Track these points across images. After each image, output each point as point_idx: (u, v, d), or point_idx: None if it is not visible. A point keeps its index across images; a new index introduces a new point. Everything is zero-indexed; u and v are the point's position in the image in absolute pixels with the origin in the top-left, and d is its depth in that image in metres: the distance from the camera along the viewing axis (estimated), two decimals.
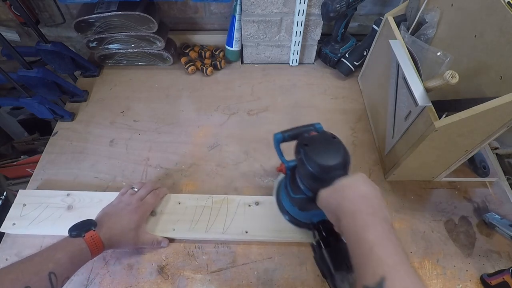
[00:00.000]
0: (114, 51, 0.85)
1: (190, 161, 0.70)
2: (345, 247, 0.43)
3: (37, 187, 0.66)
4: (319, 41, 0.86)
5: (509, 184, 0.67)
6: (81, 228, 0.49)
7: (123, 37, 0.81)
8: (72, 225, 0.49)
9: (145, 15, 0.74)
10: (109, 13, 0.74)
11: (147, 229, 0.57)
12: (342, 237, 0.45)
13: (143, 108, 0.80)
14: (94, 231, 0.49)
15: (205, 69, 0.86)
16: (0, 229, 0.58)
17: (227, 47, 0.86)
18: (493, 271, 0.54)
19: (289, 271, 0.56)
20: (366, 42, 0.81)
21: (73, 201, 0.61)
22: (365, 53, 0.82)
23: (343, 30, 0.82)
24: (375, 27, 0.76)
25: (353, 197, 0.39)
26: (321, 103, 0.81)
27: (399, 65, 0.55)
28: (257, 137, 0.74)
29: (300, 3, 0.73)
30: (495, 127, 0.49)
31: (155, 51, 0.85)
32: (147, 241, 0.55)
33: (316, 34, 0.83)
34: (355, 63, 0.83)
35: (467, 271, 0.56)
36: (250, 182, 0.67)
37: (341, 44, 0.86)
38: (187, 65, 0.86)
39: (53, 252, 0.45)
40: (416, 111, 0.53)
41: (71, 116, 0.78)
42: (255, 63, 0.91)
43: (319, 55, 0.90)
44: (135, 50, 0.84)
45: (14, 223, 0.59)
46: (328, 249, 0.44)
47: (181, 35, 0.91)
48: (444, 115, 0.54)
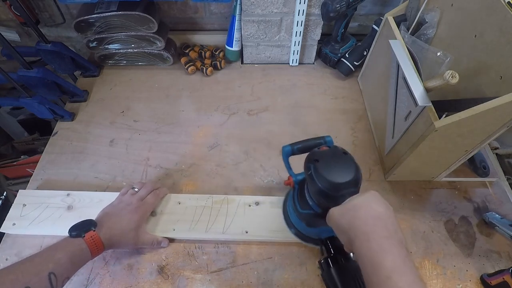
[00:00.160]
0: (114, 51, 0.85)
1: (190, 161, 0.70)
2: (354, 266, 0.42)
3: (37, 187, 0.66)
4: (319, 41, 0.86)
5: (509, 184, 0.67)
6: (81, 228, 0.49)
7: (123, 37, 0.81)
8: (72, 225, 0.49)
9: (145, 15, 0.74)
10: (109, 13, 0.74)
11: (147, 229, 0.57)
12: (350, 255, 0.44)
13: (143, 108, 0.80)
14: (94, 231, 0.49)
15: (205, 69, 0.86)
16: (0, 229, 0.59)
17: (227, 47, 0.86)
18: (493, 271, 0.54)
19: (289, 271, 0.56)
20: (366, 42, 0.81)
21: (73, 201, 0.61)
22: (365, 53, 0.82)
23: (343, 30, 0.82)
24: (375, 27, 0.76)
25: (366, 218, 0.37)
26: (321, 103, 0.81)
27: (399, 65, 0.55)
28: (257, 137, 0.74)
29: (300, 3, 0.73)
30: (495, 127, 0.49)
31: (155, 51, 0.85)
32: (147, 241, 0.55)
33: (316, 34, 0.83)
34: (355, 63, 0.83)
35: (467, 271, 0.56)
36: (250, 182, 0.67)
37: (341, 44, 0.86)
38: (187, 65, 0.86)
39: (53, 252, 0.45)
40: (416, 111, 0.53)
41: (71, 116, 0.78)
42: (255, 63, 0.91)
43: (319, 55, 0.90)
44: (135, 50, 0.84)
45: (14, 223, 0.59)
46: (336, 267, 0.43)
47: (181, 35, 0.91)
48: (444, 115, 0.54)
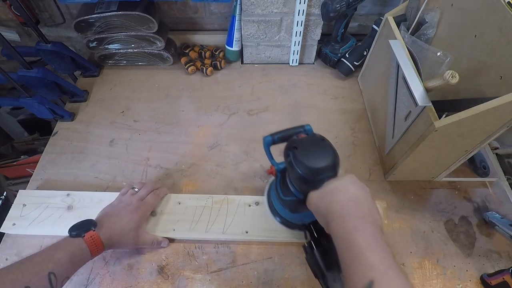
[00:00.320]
0: (114, 51, 0.85)
1: (190, 161, 0.70)
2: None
3: (37, 187, 0.66)
4: (319, 41, 0.86)
5: (509, 184, 0.67)
6: (81, 228, 0.49)
7: (123, 37, 0.81)
8: (72, 225, 0.49)
9: (145, 15, 0.74)
10: (109, 13, 0.74)
11: (147, 229, 0.57)
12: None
13: (143, 108, 0.80)
14: (94, 231, 0.49)
15: (205, 69, 0.86)
16: (0, 229, 0.59)
17: (227, 47, 0.86)
18: (493, 271, 0.54)
19: (289, 271, 0.56)
20: (366, 42, 0.81)
21: (73, 201, 0.61)
22: (365, 53, 0.82)
23: (343, 30, 0.82)
24: (375, 27, 0.76)
25: (342, 200, 0.39)
26: (321, 103, 0.81)
27: (399, 65, 0.55)
28: (257, 137, 0.74)
29: (300, 3, 0.73)
30: (495, 127, 0.49)
31: (155, 51, 0.85)
32: (147, 241, 0.55)
33: (316, 34, 0.83)
34: (355, 63, 0.83)
35: (467, 271, 0.56)
36: (250, 182, 0.67)
37: (341, 44, 0.86)
38: (187, 65, 0.86)
39: (53, 252, 0.45)
40: (416, 111, 0.52)
41: (71, 116, 0.78)
42: (255, 63, 0.91)
43: (319, 55, 0.90)
44: (135, 50, 0.84)
45: (14, 223, 0.59)
46: (319, 249, 0.44)
47: (181, 35, 0.91)
48: (444, 115, 0.54)
